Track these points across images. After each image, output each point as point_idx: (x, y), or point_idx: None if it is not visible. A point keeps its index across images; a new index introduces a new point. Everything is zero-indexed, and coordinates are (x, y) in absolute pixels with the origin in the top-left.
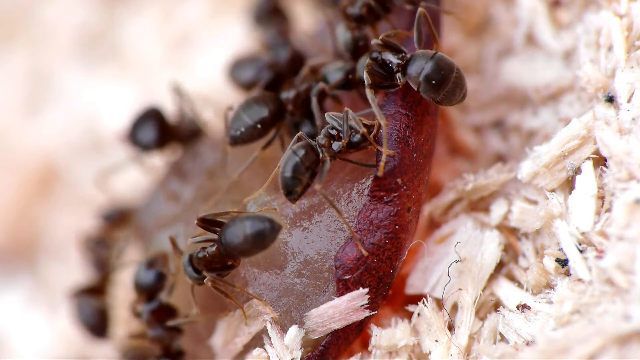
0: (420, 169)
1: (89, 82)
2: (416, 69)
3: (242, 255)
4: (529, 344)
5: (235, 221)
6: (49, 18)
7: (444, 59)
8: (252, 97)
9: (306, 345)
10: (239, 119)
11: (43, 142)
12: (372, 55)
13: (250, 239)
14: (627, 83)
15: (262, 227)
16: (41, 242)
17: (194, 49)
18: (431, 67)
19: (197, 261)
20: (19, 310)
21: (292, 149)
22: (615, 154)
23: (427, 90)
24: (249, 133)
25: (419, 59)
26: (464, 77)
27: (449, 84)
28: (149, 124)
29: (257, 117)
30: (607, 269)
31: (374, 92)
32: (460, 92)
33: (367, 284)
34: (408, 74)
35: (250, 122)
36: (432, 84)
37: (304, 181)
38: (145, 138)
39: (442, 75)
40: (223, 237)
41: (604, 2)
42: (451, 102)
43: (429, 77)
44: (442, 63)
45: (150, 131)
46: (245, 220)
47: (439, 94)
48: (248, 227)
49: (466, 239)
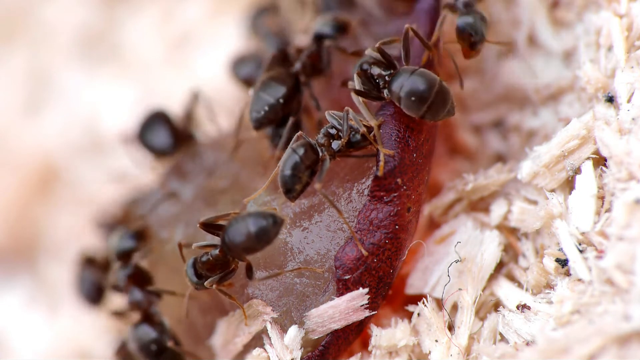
0: (420, 169)
1: (89, 82)
2: (397, 86)
3: (247, 253)
4: (529, 344)
5: (237, 220)
6: (49, 18)
7: (424, 75)
8: (266, 77)
9: (306, 345)
10: (259, 100)
11: (43, 142)
12: (363, 67)
13: (254, 235)
14: (627, 83)
15: (265, 223)
16: (41, 242)
17: (194, 49)
18: (410, 83)
19: (200, 265)
20: (19, 310)
21: (291, 147)
22: (615, 154)
23: (408, 107)
24: (273, 111)
25: (400, 75)
26: (448, 92)
27: (429, 100)
28: (161, 128)
29: (278, 93)
30: (607, 269)
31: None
32: (444, 108)
33: (367, 284)
34: (391, 90)
35: (272, 100)
36: (412, 100)
37: (303, 179)
38: (157, 142)
39: (421, 92)
40: (226, 237)
41: (604, 2)
42: (436, 118)
43: (408, 94)
44: (422, 79)
45: (163, 135)
46: (248, 218)
47: (420, 110)
48: (251, 224)
49: (466, 239)
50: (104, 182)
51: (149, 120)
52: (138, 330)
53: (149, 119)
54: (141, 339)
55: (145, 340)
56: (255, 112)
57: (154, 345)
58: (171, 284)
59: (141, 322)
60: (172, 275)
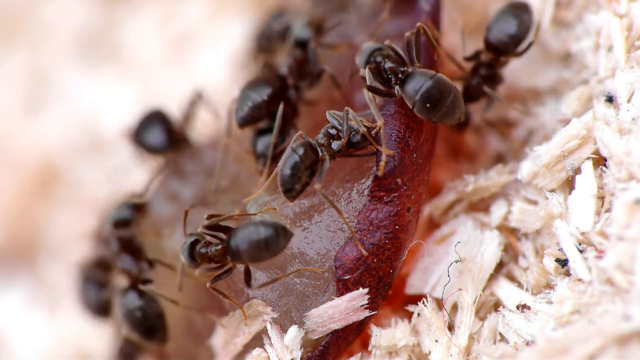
0: (420, 169)
1: (89, 82)
2: (413, 88)
3: (252, 261)
4: (529, 344)
5: (247, 226)
6: (49, 18)
7: (442, 82)
8: (253, 78)
9: (306, 345)
10: (246, 98)
11: (43, 142)
12: (377, 59)
13: (263, 245)
14: (627, 83)
15: (274, 233)
16: (41, 242)
17: (194, 49)
18: (427, 88)
19: (197, 254)
20: (19, 310)
21: (291, 147)
22: (615, 154)
23: (421, 111)
24: (258, 109)
25: (417, 77)
26: (460, 100)
27: (443, 107)
28: (157, 126)
29: (264, 92)
30: (607, 269)
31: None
32: (453, 115)
33: (367, 284)
34: (405, 90)
35: (259, 98)
36: (427, 106)
37: (303, 179)
38: (153, 140)
39: (437, 98)
40: (233, 242)
41: (604, 2)
42: (446, 123)
43: (424, 99)
44: (440, 86)
45: (159, 133)
46: (259, 226)
47: (433, 115)
48: (262, 233)
49: (466, 239)
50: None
51: (146, 118)
52: (125, 297)
53: (146, 118)
54: (127, 305)
55: (130, 307)
56: (241, 109)
57: (139, 312)
58: (170, 282)
59: (129, 289)
60: (172, 274)
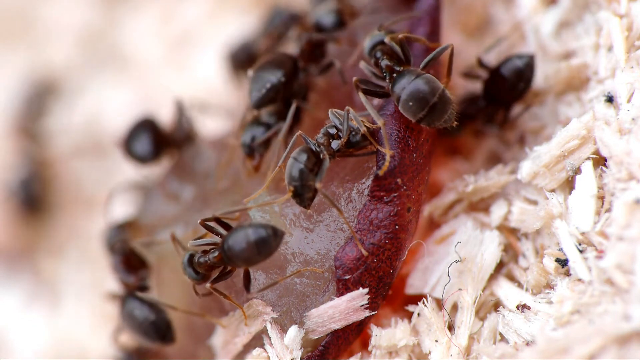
0: (420, 169)
1: (89, 82)
2: (399, 87)
3: (246, 264)
4: (529, 344)
5: (237, 229)
6: (49, 18)
7: (428, 82)
8: (265, 59)
9: (306, 345)
10: (260, 80)
11: (43, 142)
12: (377, 54)
13: (254, 246)
14: (627, 83)
15: (265, 235)
16: (41, 242)
17: (194, 49)
18: (412, 86)
19: (197, 265)
20: (19, 310)
21: (293, 156)
22: (615, 154)
23: (405, 109)
24: (274, 90)
25: (406, 76)
26: (448, 101)
27: (426, 107)
28: (144, 136)
29: (279, 73)
30: (607, 269)
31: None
32: (441, 117)
33: (367, 284)
34: (393, 88)
35: (275, 79)
36: (409, 104)
37: (312, 186)
38: (140, 150)
39: (420, 97)
40: (226, 245)
41: (604, 2)
42: (432, 125)
43: (407, 96)
44: (425, 85)
45: (145, 143)
46: (248, 228)
47: (416, 115)
48: (251, 235)
49: (466, 239)
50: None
51: (135, 128)
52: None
53: (135, 127)
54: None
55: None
56: (257, 90)
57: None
58: (172, 283)
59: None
60: (173, 275)
